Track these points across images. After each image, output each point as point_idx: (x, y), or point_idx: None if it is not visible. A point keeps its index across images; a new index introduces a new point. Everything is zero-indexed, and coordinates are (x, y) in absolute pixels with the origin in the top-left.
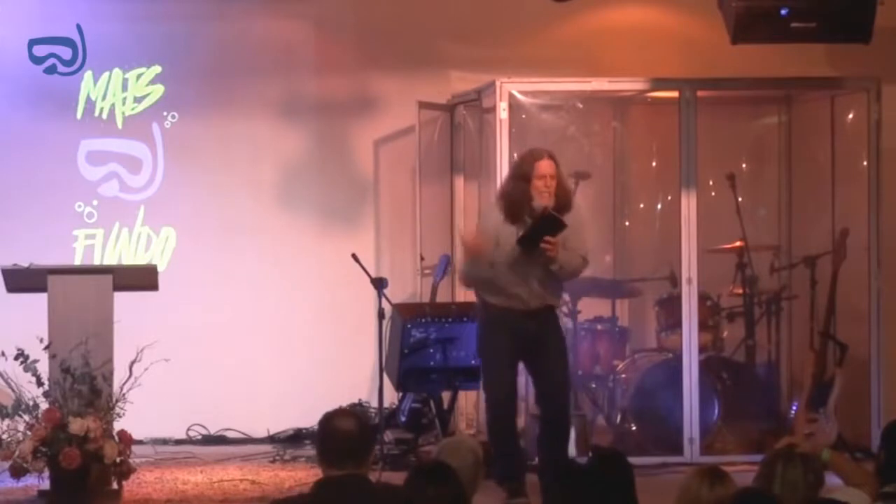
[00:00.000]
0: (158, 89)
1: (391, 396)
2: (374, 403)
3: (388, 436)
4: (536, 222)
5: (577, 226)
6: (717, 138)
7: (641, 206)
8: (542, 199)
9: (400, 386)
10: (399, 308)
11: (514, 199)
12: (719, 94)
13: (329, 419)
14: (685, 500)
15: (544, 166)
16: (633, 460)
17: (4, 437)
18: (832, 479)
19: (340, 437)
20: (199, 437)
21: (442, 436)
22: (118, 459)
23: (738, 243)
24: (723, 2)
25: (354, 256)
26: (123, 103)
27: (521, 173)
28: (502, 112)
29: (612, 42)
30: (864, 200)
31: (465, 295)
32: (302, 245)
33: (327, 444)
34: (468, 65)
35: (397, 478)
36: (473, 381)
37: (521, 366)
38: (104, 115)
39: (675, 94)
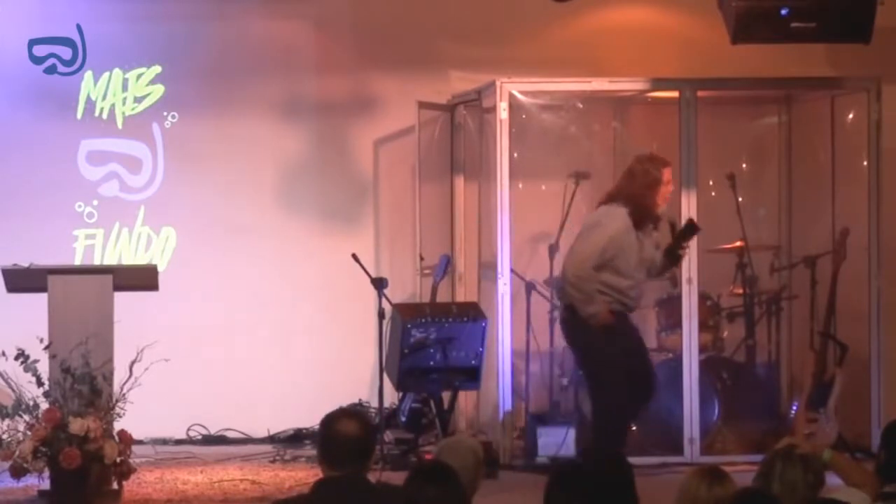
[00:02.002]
0: (158, 89)
1: (391, 396)
2: (374, 403)
3: (388, 436)
4: (685, 231)
5: None
6: (717, 138)
7: None
8: (664, 204)
9: (400, 386)
10: (399, 308)
11: (646, 207)
12: (719, 94)
13: (332, 422)
14: (685, 500)
15: (669, 173)
16: (633, 460)
17: (4, 437)
18: (832, 479)
19: (343, 440)
20: (199, 437)
21: (442, 436)
22: (118, 459)
23: (738, 243)
24: (723, 2)
25: (354, 256)
26: (123, 103)
27: (651, 180)
28: (502, 112)
29: (612, 42)
30: (864, 200)
31: (465, 295)
32: (302, 245)
33: (329, 447)
34: (468, 65)
35: (397, 478)
36: (473, 381)
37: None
38: (104, 115)
39: (675, 94)
